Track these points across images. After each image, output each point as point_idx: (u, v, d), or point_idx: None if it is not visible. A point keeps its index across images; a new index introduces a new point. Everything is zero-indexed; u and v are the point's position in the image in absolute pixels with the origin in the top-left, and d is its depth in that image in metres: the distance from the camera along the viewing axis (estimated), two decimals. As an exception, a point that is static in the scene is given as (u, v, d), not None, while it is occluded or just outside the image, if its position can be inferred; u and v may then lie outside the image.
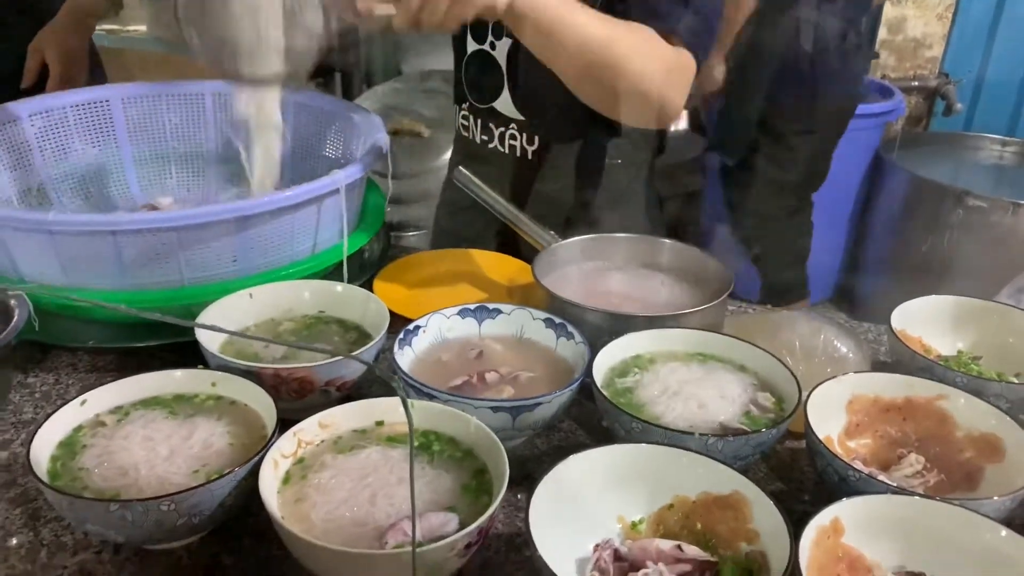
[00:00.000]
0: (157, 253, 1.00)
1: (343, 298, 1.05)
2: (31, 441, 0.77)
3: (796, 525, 0.69)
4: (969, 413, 0.87)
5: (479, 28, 1.26)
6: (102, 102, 1.34)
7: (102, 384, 0.87)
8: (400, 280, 1.23)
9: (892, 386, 0.90)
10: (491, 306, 1.02)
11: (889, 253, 3.01)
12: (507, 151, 1.31)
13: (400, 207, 2.56)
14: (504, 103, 1.28)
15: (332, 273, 1.16)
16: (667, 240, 1.15)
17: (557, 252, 1.14)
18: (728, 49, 2.28)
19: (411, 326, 0.98)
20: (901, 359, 0.98)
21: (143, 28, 3.06)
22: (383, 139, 1.20)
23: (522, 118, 1.28)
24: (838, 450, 0.88)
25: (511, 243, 1.28)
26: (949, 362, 1.01)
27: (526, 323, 1.01)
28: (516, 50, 1.23)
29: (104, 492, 0.75)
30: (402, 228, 2.51)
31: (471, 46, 1.29)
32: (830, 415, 0.89)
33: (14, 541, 0.79)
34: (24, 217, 1.02)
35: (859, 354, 0.98)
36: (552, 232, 1.17)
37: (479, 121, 1.33)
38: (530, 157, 1.30)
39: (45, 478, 0.75)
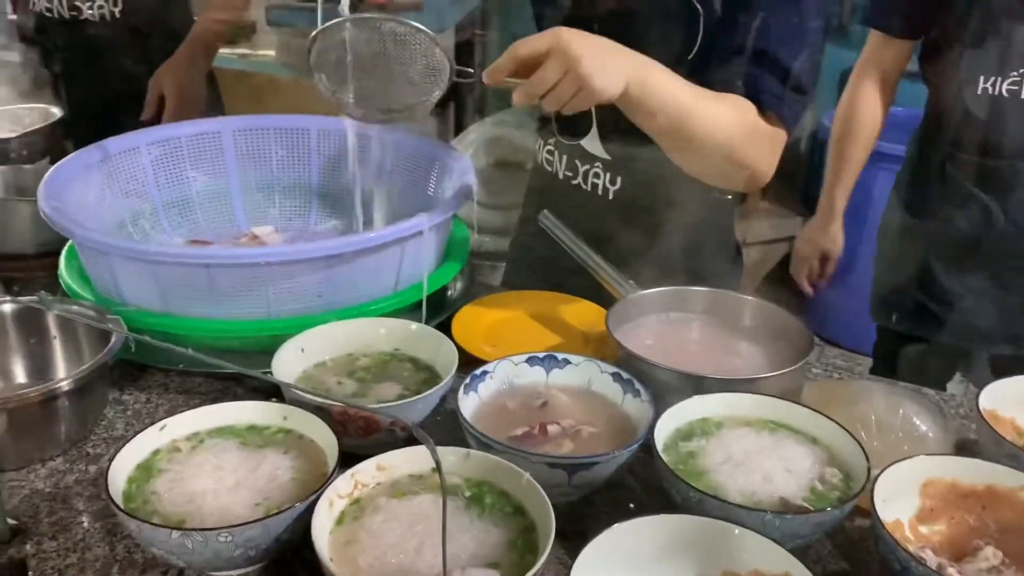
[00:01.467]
0: (247, 286, 1.05)
1: (417, 337, 1.07)
2: (111, 462, 0.82)
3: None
4: (1056, 508, 0.81)
5: None
6: (214, 134, 1.41)
7: (189, 405, 0.93)
8: (479, 319, 1.25)
9: (972, 472, 0.85)
10: (560, 355, 1.03)
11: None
12: (590, 189, 1.32)
13: (502, 238, 2.59)
14: (591, 142, 1.29)
15: (415, 309, 1.18)
16: (748, 296, 1.13)
17: (634, 302, 1.13)
18: None
19: (478, 371, 0.99)
20: (987, 442, 0.92)
21: (272, 53, 3.22)
22: (471, 181, 1.23)
23: (608, 158, 1.29)
24: (908, 535, 0.84)
25: (592, 286, 1.28)
26: (1043, 449, 0.94)
27: (594, 375, 1.01)
28: None
29: (171, 517, 0.79)
30: (499, 258, 2.54)
31: None
32: (902, 497, 0.85)
33: (92, 553, 0.84)
34: (128, 246, 1.09)
35: (941, 432, 0.94)
36: (631, 281, 1.16)
37: (564, 157, 1.35)
38: (611, 197, 1.30)
39: (120, 499, 0.80)
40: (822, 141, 2.60)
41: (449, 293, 1.32)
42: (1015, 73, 1.45)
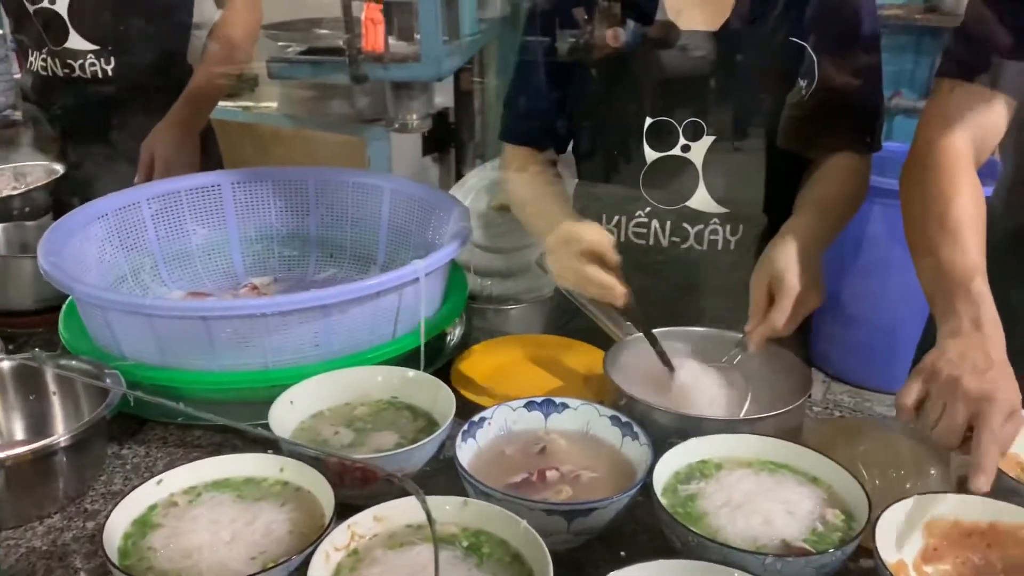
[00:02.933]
0: (243, 337, 1.06)
1: (415, 384, 1.07)
2: (107, 518, 0.82)
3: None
4: (1061, 545, 0.80)
5: (659, 136, 1.27)
6: (213, 187, 1.43)
7: (188, 458, 0.93)
8: (479, 364, 1.25)
9: (974, 509, 0.84)
10: (558, 400, 1.02)
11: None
12: (706, 247, 1.30)
13: (504, 281, 2.60)
14: (702, 200, 1.28)
15: (414, 356, 1.18)
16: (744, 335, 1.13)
17: (632, 344, 1.13)
18: None
19: (476, 418, 0.99)
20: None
21: (275, 105, 3.26)
22: (466, 228, 1.23)
23: (725, 211, 1.28)
24: (913, 576, 0.83)
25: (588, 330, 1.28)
26: (1048, 484, 0.93)
27: (592, 419, 1.01)
28: (714, 147, 1.26)
29: (167, 573, 0.79)
30: (503, 302, 2.54)
31: (650, 156, 1.28)
32: (906, 537, 0.84)
33: (88, 612, 0.84)
34: (124, 300, 1.10)
35: (943, 470, 0.93)
36: (628, 323, 1.16)
37: (668, 223, 1.31)
38: (732, 248, 1.29)
39: (115, 556, 0.79)
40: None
41: (448, 339, 1.32)
42: None
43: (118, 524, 0.83)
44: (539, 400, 1.03)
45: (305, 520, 0.86)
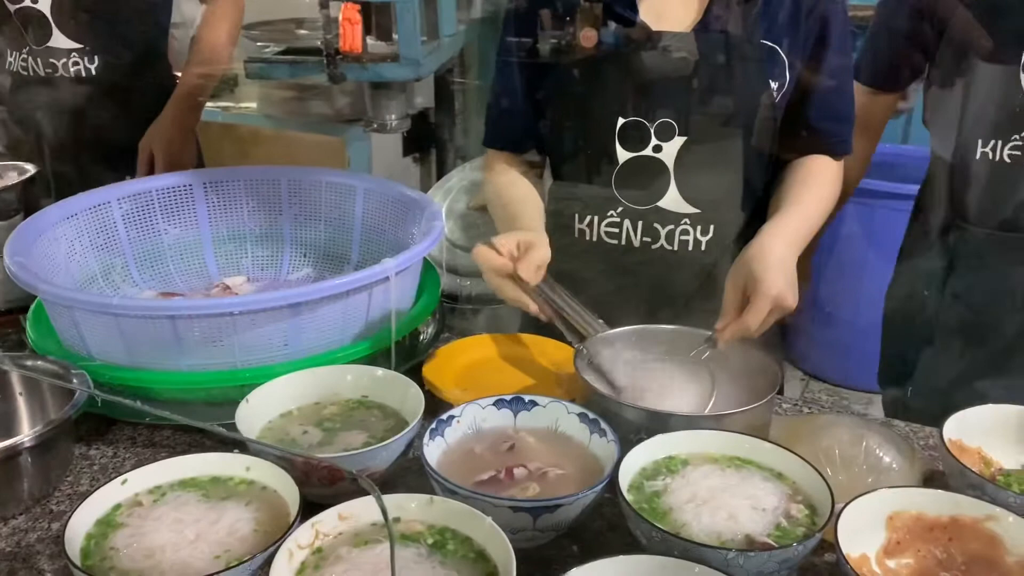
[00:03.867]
0: (212, 337, 1.05)
1: (385, 383, 1.07)
2: (70, 518, 0.81)
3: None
4: (1020, 537, 0.81)
5: (630, 136, 1.27)
6: (185, 186, 1.42)
7: (156, 458, 0.92)
8: (451, 363, 1.24)
9: (936, 503, 0.85)
10: (527, 398, 1.03)
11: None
12: (677, 247, 1.30)
13: (482, 281, 2.60)
14: (673, 201, 1.28)
15: (386, 355, 1.18)
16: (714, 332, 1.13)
17: (602, 341, 1.13)
18: None
19: (444, 416, 0.99)
20: (953, 473, 0.92)
21: (254, 105, 3.25)
22: (439, 227, 1.23)
23: (697, 211, 1.28)
24: (876, 569, 0.84)
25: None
26: (1010, 477, 0.94)
27: (561, 417, 1.01)
28: (686, 147, 1.26)
29: (129, 574, 0.78)
30: (482, 302, 2.54)
31: (623, 156, 1.29)
32: (868, 531, 0.84)
33: (51, 613, 0.83)
34: (90, 300, 1.10)
35: (907, 464, 0.94)
36: (601, 321, 1.17)
37: (639, 224, 1.31)
38: (703, 248, 1.29)
39: (77, 556, 0.79)
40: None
41: (421, 337, 1.32)
42: (1017, 137, 1.31)
43: (81, 524, 0.82)
44: (508, 398, 1.03)
45: (270, 519, 0.85)
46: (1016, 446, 0.99)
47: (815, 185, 1.27)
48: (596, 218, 1.34)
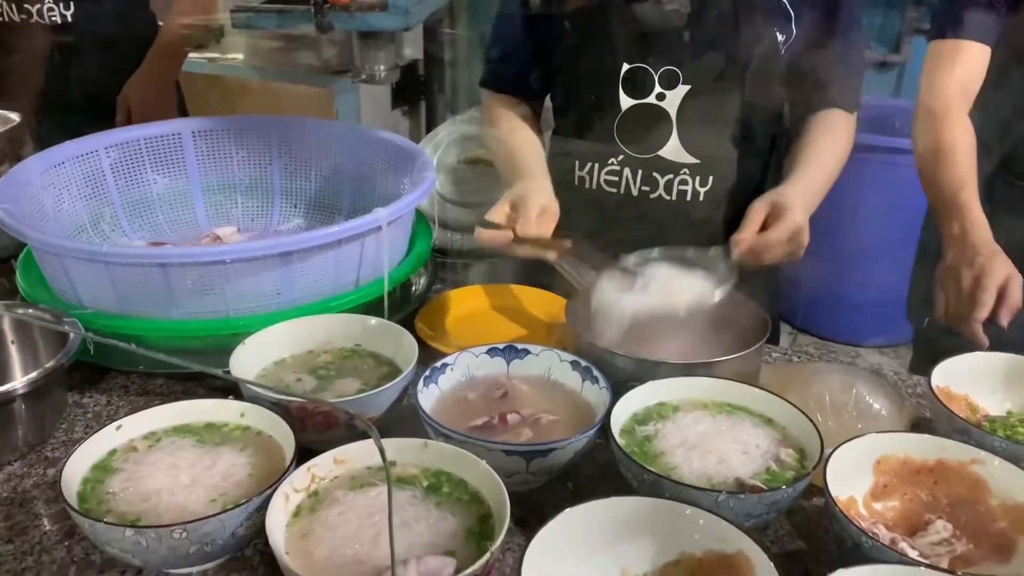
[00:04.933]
0: (203, 285, 1.05)
1: (378, 332, 1.07)
2: (66, 463, 0.81)
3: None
4: (1005, 480, 0.82)
5: (634, 83, 1.26)
6: (174, 135, 1.41)
7: (150, 406, 0.92)
8: (443, 314, 1.25)
9: (923, 447, 0.86)
10: (520, 346, 1.03)
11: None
12: (675, 197, 1.30)
13: (469, 235, 2.59)
14: (674, 150, 1.28)
15: (378, 305, 1.18)
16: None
17: (595, 292, 1.13)
18: None
19: (438, 364, 0.99)
20: (940, 419, 0.93)
21: (240, 56, 3.20)
22: (430, 178, 1.23)
23: (696, 161, 1.27)
24: (863, 512, 0.85)
25: (556, 278, 1.29)
26: (995, 423, 0.96)
27: (554, 364, 1.02)
28: (689, 97, 1.25)
29: (125, 516, 0.79)
30: (471, 256, 2.54)
31: (625, 103, 1.28)
32: (856, 475, 0.86)
33: (49, 556, 0.84)
34: (80, 248, 1.09)
35: (896, 411, 0.95)
36: (593, 271, 1.17)
37: (639, 172, 1.31)
38: (701, 199, 1.29)
39: (75, 500, 0.79)
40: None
41: (413, 289, 1.32)
42: None
43: (77, 469, 0.83)
44: (501, 346, 1.03)
45: (266, 464, 0.86)
46: (1003, 393, 1.01)
47: (832, 141, 1.27)
48: (596, 165, 1.34)
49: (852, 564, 0.71)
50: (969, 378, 1.00)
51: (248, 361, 1.01)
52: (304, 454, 0.85)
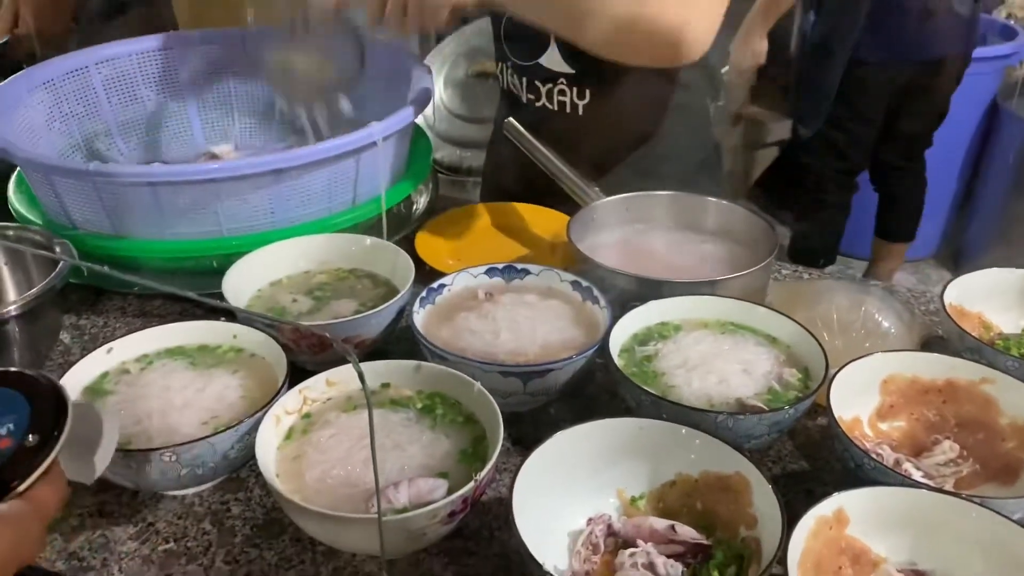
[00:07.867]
0: (195, 204, 1.02)
1: (375, 252, 1.05)
2: (56, 387, 0.80)
3: (807, 511, 0.66)
4: (1016, 399, 0.80)
5: None
6: (166, 50, 1.36)
7: (146, 328, 0.91)
8: (444, 234, 1.22)
9: (931, 366, 0.83)
10: (519, 266, 1.00)
11: (1002, 208, 2.80)
12: (556, 108, 1.26)
13: (482, 152, 2.54)
14: (551, 58, 1.23)
15: (377, 225, 1.16)
16: (712, 199, 1.10)
17: (597, 210, 1.10)
18: None
19: (435, 284, 0.97)
20: (952, 337, 0.91)
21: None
22: (428, 91, 1.18)
23: (572, 71, 1.23)
24: (868, 432, 0.83)
25: (561, 197, 1.25)
26: (1009, 342, 0.93)
27: (554, 284, 0.99)
28: None
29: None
30: (479, 174, 2.49)
31: None
32: (862, 394, 0.83)
33: (45, 478, 0.83)
34: (67, 167, 1.06)
35: (906, 329, 0.92)
36: (596, 189, 1.13)
37: (524, 79, 1.28)
38: (581, 112, 1.25)
39: (66, 423, 0.78)
40: (812, 42, 2.52)
41: (414, 207, 1.29)
42: None
43: (68, 392, 0.82)
44: (500, 266, 1.01)
45: (258, 386, 0.85)
46: (1018, 310, 0.98)
47: None
48: (503, 65, 1.34)
49: (855, 485, 0.69)
50: (983, 295, 0.97)
51: (243, 281, 0.99)
52: (299, 375, 0.83)
